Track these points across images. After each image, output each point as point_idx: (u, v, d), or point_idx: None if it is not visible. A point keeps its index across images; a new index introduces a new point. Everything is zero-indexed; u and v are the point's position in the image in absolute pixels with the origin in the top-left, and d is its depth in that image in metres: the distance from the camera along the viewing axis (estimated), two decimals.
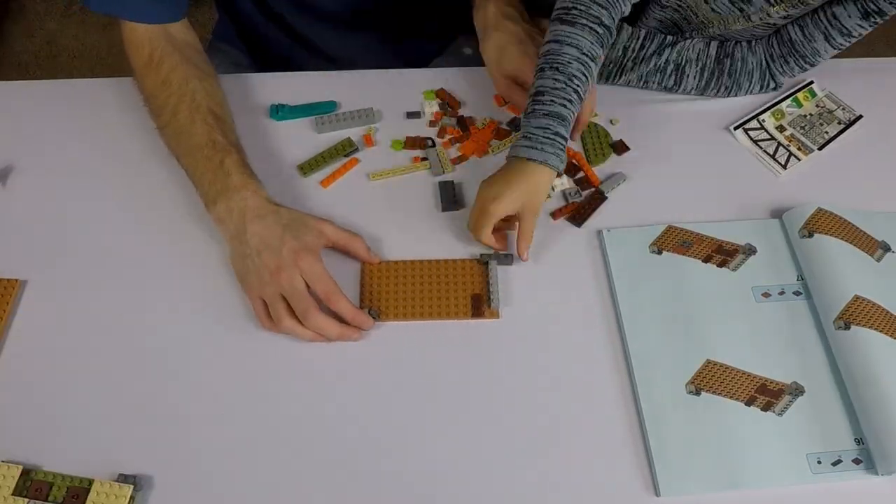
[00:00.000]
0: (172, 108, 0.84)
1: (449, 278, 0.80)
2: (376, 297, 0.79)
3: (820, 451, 0.70)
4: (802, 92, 0.96)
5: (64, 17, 2.08)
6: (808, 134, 0.92)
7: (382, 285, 0.80)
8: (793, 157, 0.91)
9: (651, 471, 0.69)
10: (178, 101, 0.84)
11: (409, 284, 0.80)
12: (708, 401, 0.72)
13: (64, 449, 0.70)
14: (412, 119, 0.94)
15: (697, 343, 0.76)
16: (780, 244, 0.83)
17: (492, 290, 0.79)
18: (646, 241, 0.83)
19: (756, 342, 0.76)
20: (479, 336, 0.77)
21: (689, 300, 0.79)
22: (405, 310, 0.78)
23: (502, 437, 0.71)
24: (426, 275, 0.81)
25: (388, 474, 0.69)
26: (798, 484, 0.68)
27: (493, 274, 0.80)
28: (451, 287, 0.80)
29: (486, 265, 0.81)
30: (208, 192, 0.80)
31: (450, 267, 0.81)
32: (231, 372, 0.74)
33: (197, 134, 0.82)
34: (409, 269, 0.81)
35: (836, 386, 0.74)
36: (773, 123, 0.93)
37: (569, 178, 0.88)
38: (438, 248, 0.83)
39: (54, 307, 0.78)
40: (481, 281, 0.80)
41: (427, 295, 0.79)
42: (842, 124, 0.94)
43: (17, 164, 0.89)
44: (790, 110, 0.95)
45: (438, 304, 0.78)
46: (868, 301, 0.75)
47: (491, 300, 0.79)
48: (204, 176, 0.80)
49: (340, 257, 0.81)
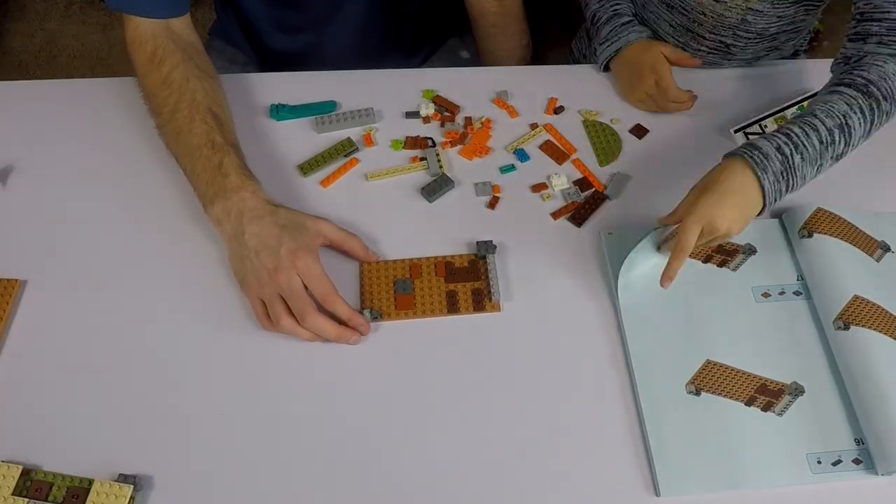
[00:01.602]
0: (172, 107, 0.84)
1: (448, 275, 0.80)
2: (377, 297, 0.79)
3: (820, 451, 0.70)
4: (808, 102, 0.95)
5: (64, 17, 2.08)
6: None
7: (382, 285, 0.80)
8: None
9: (651, 471, 0.69)
10: (178, 99, 0.84)
11: (409, 282, 0.80)
12: (708, 401, 0.72)
13: (64, 449, 0.70)
14: (411, 119, 0.95)
15: (697, 343, 0.76)
16: (780, 244, 0.83)
17: (492, 283, 0.79)
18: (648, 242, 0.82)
19: (756, 342, 0.76)
20: (479, 338, 0.77)
21: (689, 300, 0.79)
22: (406, 308, 0.78)
23: (503, 437, 0.71)
24: (426, 272, 0.81)
25: (389, 472, 0.69)
26: (798, 484, 0.68)
27: (491, 267, 0.80)
28: (452, 283, 0.80)
29: (485, 259, 0.81)
30: (206, 192, 0.79)
31: (448, 263, 0.81)
32: (231, 372, 0.74)
33: (196, 134, 0.82)
34: (409, 268, 0.81)
35: (836, 386, 0.74)
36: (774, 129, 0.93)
37: (568, 178, 0.88)
38: (438, 247, 0.83)
39: (54, 307, 0.78)
40: (481, 275, 0.80)
41: (427, 292, 0.79)
42: None
43: (17, 164, 0.89)
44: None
45: (440, 301, 0.79)
46: (867, 301, 0.75)
47: (492, 293, 0.79)
48: (202, 176, 0.80)
49: (340, 258, 0.81)
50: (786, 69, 1.02)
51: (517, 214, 0.86)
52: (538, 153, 0.92)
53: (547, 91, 0.97)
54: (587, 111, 0.96)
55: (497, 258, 0.82)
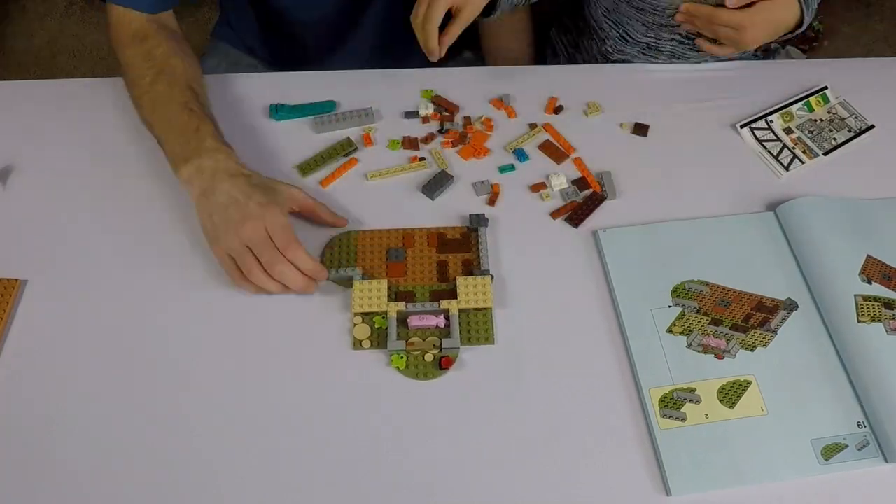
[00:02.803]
0: (152, 78, 0.85)
1: (440, 245, 0.82)
2: (368, 264, 0.81)
3: (824, 437, 0.70)
4: (815, 97, 0.96)
5: (64, 17, 2.08)
6: (815, 139, 0.92)
7: (375, 252, 0.82)
8: (797, 159, 0.90)
9: (661, 471, 0.69)
10: (160, 71, 0.86)
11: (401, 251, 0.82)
12: (709, 399, 0.72)
13: (64, 449, 0.70)
14: (410, 119, 0.95)
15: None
16: (778, 237, 0.83)
17: (482, 254, 0.81)
18: (643, 239, 0.83)
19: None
20: (489, 348, 0.77)
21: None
22: (397, 275, 0.80)
23: (505, 441, 0.71)
24: (418, 242, 0.83)
25: (392, 476, 0.69)
26: (806, 476, 0.68)
27: (482, 240, 0.82)
28: (443, 254, 0.82)
29: (476, 231, 0.83)
30: (180, 153, 0.80)
31: (441, 234, 0.83)
32: (232, 371, 0.74)
33: (175, 102, 0.83)
34: (402, 237, 0.83)
35: (843, 373, 0.74)
36: (781, 125, 0.93)
37: (567, 178, 0.88)
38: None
39: (54, 307, 0.78)
40: (472, 247, 0.82)
41: (419, 261, 0.81)
42: (852, 132, 0.93)
43: (17, 164, 0.89)
44: (800, 114, 0.94)
45: (431, 270, 0.81)
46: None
47: (481, 264, 0.80)
48: (177, 139, 0.81)
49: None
50: (786, 65, 1.02)
51: (516, 214, 0.86)
52: (537, 153, 0.92)
53: (547, 90, 0.98)
54: (593, 103, 0.96)
55: (497, 258, 0.82)
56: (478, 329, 0.77)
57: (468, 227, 0.83)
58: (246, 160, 0.82)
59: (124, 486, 0.68)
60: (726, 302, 0.79)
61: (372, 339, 0.76)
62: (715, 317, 0.78)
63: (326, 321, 0.77)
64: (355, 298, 0.77)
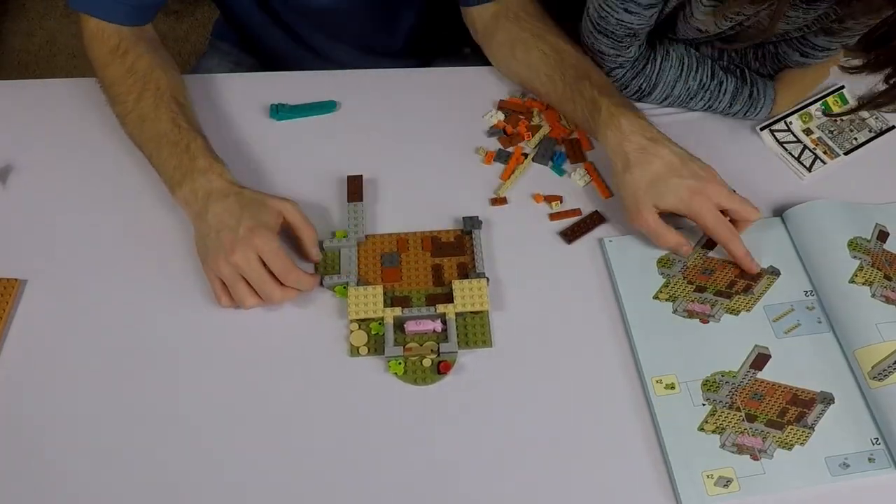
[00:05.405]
0: (137, 95, 0.85)
1: (435, 249, 0.82)
2: (363, 271, 0.80)
3: (839, 454, 0.69)
4: (832, 97, 0.95)
5: (64, 17, 2.08)
6: (836, 139, 0.92)
7: (370, 258, 0.81)
8: (818, 160, 0.90)
9: (671, 482, 0.68)
10: (143, 87, 0.85)
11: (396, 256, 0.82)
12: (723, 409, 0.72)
13: (64, 449, 0.70)
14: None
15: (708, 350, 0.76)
16: (786, 242, 0.83)
17: (476, 257, 0.81)
18: (650, 250, 0.82)
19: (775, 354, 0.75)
20: (488, 351, 0.76)
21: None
22: (393, 280, 0.80)
23: (510, 446, 0.70)
24: (412, 247, 0.82)
25: (394, 482, 0.69)
26: (818, 485, 0.68)
27: (477, 242, 0.82)
28: (438, 257, 0.81)
29: (470, 234, 0.83)
30: (173, 175, 0.80)
31: (435, 238, 0.83)
32: (233, 372, 0.74)
33: (162, 119, 0.83)
34: (396, 242, 0.83)
35: (855, 388, 0.73)
36: (801, 126, 0.93)
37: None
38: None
39: (54, 307, 0.78)
40: (466, 249, 0.82)
41: (414, 265, 0.81)
42: (873, 133, 0.93)
43: (17, 164, 0.89)
44: (818, 114, 0.94)
45: (426, 274, 0.80)
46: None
47: (476, 267, 0.80)
48: (169, 160, 0.81)
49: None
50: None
51: (513, 216, 0.86)
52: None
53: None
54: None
55: (492, 260, 0.82)
56: (475, 332, 0.76)
57: (462, 229, 0.83)
58: (246, 161, 0.82)
59: (123, 485, 0.68)
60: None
61: (369, 345, 0.75)
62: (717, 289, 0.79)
63: (323, 329, 0.77)
64: (351, 305, 0.76)
